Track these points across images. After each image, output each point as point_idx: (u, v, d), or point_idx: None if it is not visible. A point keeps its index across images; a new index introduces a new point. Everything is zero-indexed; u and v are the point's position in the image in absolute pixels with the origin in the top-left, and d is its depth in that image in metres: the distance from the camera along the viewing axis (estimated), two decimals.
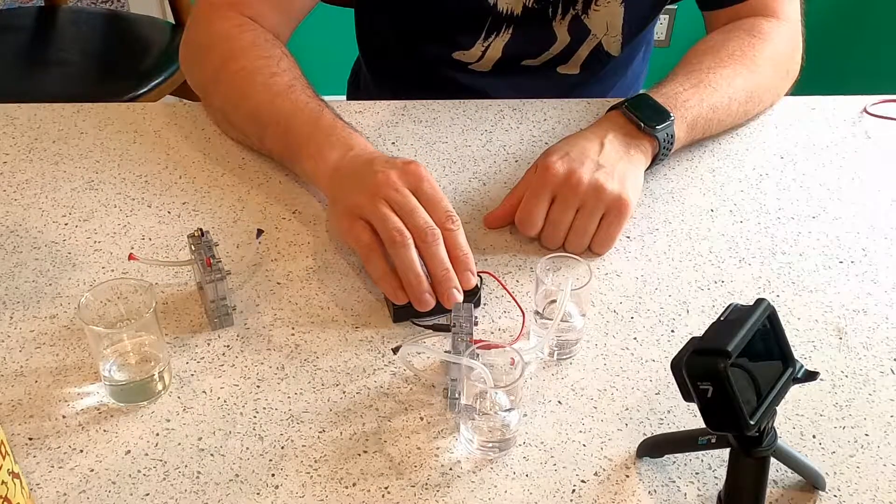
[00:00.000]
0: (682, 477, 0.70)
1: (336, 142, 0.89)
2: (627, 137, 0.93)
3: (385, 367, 0.78)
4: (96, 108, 1.09)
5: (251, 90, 0.96)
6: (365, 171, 0.84)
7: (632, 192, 0.89)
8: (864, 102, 1.12)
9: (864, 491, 0.70)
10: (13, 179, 0.98)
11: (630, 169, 0.90)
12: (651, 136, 0.93)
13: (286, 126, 0.93)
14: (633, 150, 0.92)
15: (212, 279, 0.78)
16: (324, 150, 0.89)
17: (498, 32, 1.13)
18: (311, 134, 0.91)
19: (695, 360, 0.60)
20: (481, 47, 1.15)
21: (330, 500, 0.68)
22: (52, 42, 1.97)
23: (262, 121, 0.96)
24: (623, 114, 0.94)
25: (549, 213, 0.88)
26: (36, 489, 0.68)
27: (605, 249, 0.89)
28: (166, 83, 1.81)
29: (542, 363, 0.79)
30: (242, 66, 0.97)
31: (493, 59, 1.16)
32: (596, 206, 0.87)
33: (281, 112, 0.93)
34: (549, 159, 0.88)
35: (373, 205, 0.81)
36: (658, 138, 0.93)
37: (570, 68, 1.19)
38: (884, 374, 0.79)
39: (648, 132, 0.93)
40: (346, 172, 0.86)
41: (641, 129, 0.93)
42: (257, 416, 0.74)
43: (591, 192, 0.87)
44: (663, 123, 0.93)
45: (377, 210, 0.81)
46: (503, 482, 0.70)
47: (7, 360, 0.78)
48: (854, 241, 0.93)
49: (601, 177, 0.87)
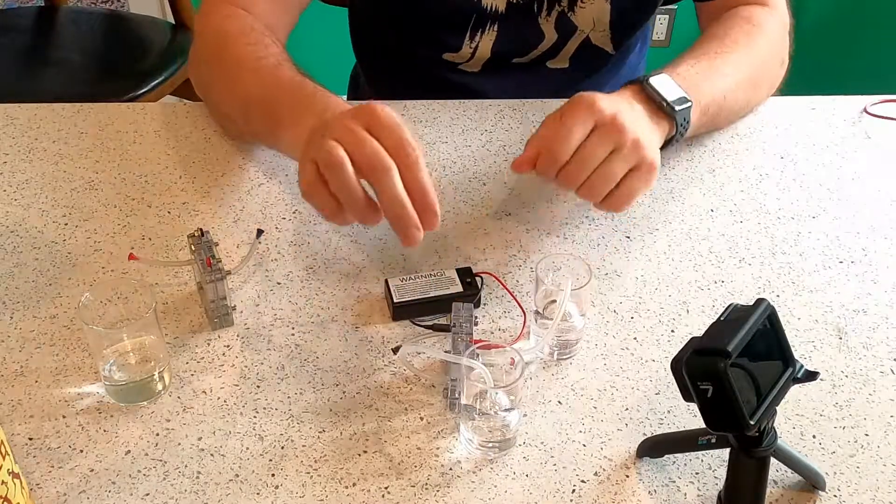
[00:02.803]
0: (682, 477, 0.70)
1: (314, 107, 0.85)
2: (650, 112, 0.89)
3: (385, 367, 0.78)
4: (96, 108, 1.09)
5: (239, 77, 0.95)
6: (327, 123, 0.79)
7: (656, 153, 0.85)
8: (864, 102, 1.12)
9: (864, 491, 0.70)
10: (13, 179, 0.98)
11: (655, 140, 0.87)
12: (671, 116, 0.90)
13: (269, 101, 0.90)
14: (653, 124, 0.89)
15: (212, 279, 0.78)
16: (301, 119, 0.84)
17: (484, 30, 1.12)
18: (292, 105, 0.87)
19: (695, 360, 0.60)
20: (469, 47, 1.14)
21: (330, 500, 0.68)
22: (52, 42, 1.97)
23: (250, 105, 0.94)
24: (645, 89, 0.91)
25: (582, 146, 0.81)
26: (36, 489, 0.68)
27: (622, 207, 0.84)
28: (166, 83, 1.81)
29: (542, 363, 0.79)
30: (231, 54, 0.96)
31: (483, 59, 1.16)
32: (631, 154, 0.82)
33: (266, 92, 0.91)
34: (591, 95, 0.83)
35: (318, 143, 0.75)
36: (676, 121, 0.91)
37: (559, 62, 1.18)
38: (884, 374, 0.79)
39: (670, 112, 0.90)
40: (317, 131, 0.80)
41: (664, 107, 0.90)
42: (257, 416, 0.74)
43: (631, 139, 0.81)
44: (683, 106, 0.91)
45: (322, 146, 0.74)
46: (503, 482, 0.70)
47: (7, 360, 0.78)
48: (854, 241, 0.93)
49: (641, 131, 0.83)
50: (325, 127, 0.77)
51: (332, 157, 0.73)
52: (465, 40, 1.14)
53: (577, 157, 0.81)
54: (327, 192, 0.75)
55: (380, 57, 1.28)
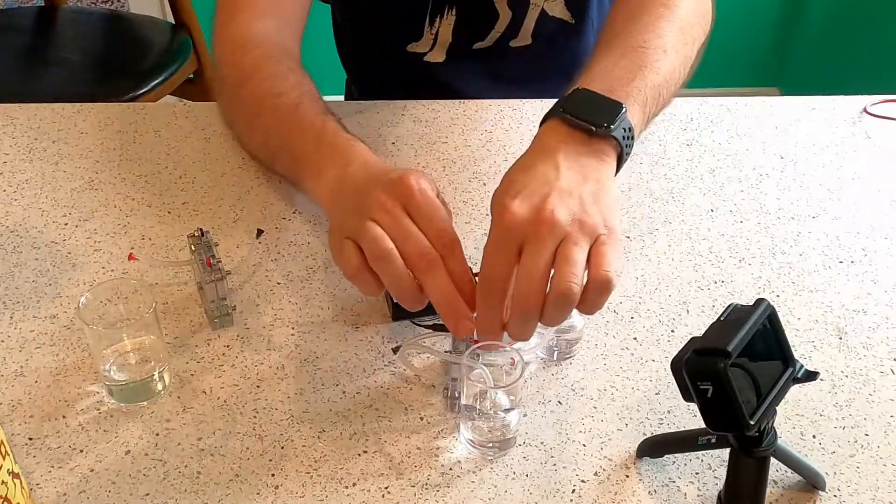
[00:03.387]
0: (682, 477, 0.70)
1: (336, 158, 0.82)
2: (581, 148, 0.75)
3: (385, 367, 0.78)
4: (96, 108, 1.09)
5: (258, 116, 0.94)
6: (359, 192, 0.76)
7: (611, 215, 0.71)
8: (864, 102, 1.12)
9: (864, 491, 0.70)
10: (13, 179, 0.98)
11: (599, 190, 0.73)
12: (607, 137, 0.75)
13: (290, 148, 0.89)
14: (593, 161, 0.75)
15: (212, 279, 0.78)
16: (324, 169, 0.82)
17: (442, 15, 1.13)
18: (312, 153, 0.85)
19: (695, 360, 0.60)
20: (430, 33, 1.14)
21: (330, 500, 0.68)
22: (52, 42, 1.97)
23: (270, 146, 0.93)
24: (564, 121, 0.76)
25: (521, 264, 0.68)
26: (36, 489, 0.68)
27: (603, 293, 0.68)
28: (166, 83, 1.81)
29: (543, 363, 0.79)
30: (250, 91, 0.94)
31: (445, 44, 1.16)
32: (581, 237, 0.69)
33: (285, 135, 0.90)
34: (502, 201, 0.71)
35: (357, 224, 0.72)
36: (616, 138, 0.75)
37: (521, 41, 1.18)
38: (884, 374, 0.79)
39: (603, 135, 0.75)
40: (343, 192, 0.79)
41: (594, 133, 0.75)
42: (257, 416, 0.74)
43: (573, 227, 0.69)
44: (616, 117, 0.76)
45: (363, 230, 0.71)
46: (503, 482, 0.70)
47: (7, 360, 0.78)
48: (854, 241, 0.93)
49: (575, 207, 0.70)
50: (361, 203, 0.74)
51: (381, 250, 0.70)
52: (426, 26, 1.14)
53: (521, 276, 0.68)
54: (375, 279, 0.72)
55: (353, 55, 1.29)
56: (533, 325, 0.68)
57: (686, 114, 1.10)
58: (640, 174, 1.01)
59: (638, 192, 0.98)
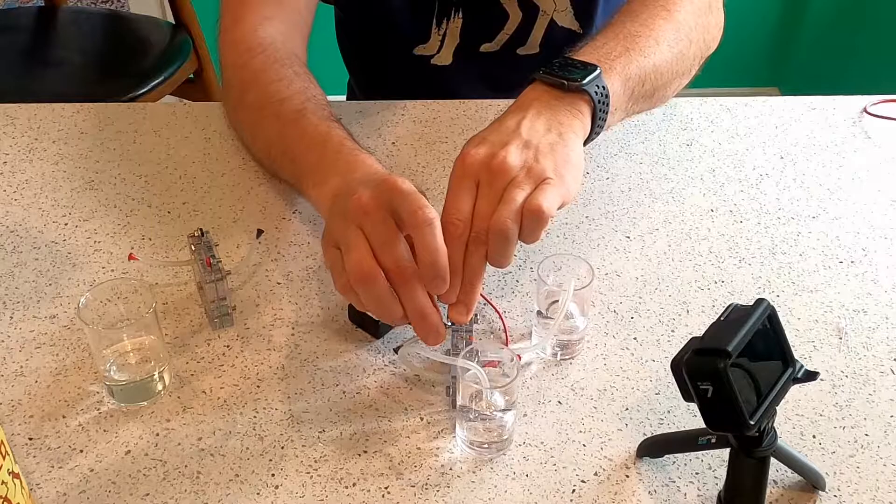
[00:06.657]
0: (682, 477, 0.70)
1: (339, 167, 0.82)
2: (554, 102, 0.80)
3: (385, 367, 0.78)
4: (96, 108, 1.09)
5: (262, 123, 0.93)
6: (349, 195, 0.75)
7: (565, 166, 0.76)
8: (864, 102, 1.12)
9: (864, 491, 0.70)
10: (13, 179, 0.98)
11: (558, 142, 0.77)
12: (579, 91, 0.80)
13: (293, 156, 0.88)
14: (563, 116, 0.79)
15: (212, 279, 0.78)
16: (327, 178, 0.82)
17: (449, 17, 1.12)
18: (316, 162, 0.84)
19: (695, 360, 0.60)
20: (438, 37, 1.14)
21: (330, 500, 0.68)
22: (52, 42, 1.97)
23: (274, 153, 0.93)
24: (541, 80, 0.82)
25: (476, 206, 0.74)
26: (36, 489, 0.68)
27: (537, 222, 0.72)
28: (166, 83, 1.81)
29: (543, 363, 0.79)
30: (254, 96, 0.94)
31: (452, 48, 1.16)
32: (526, 181, 0.74)
33: (289, 142, 0.89)
34: (465, 149, 0.76)
35: (344, 233, 0.72)
36: (589, 92, 0.80)
37: (529, 49, 1.18)
38: (884, 374, 0.79)
39: (575, 88, 0.80)
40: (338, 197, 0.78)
41: (565, 87, 0.80)
42: (257, 416, 0.74)
43: (521, 171, 0.74)
44: (589, 75, 0.81)
45: (347, 237, 0.71)
46: (503, 482, 0.70)
47: (7, 360, 0.78)
48: (854, 241, 0.93)
49: (528, 155, 0.75)
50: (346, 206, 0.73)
51: (361, 274, 0.69)
52: (433, 28, 1.14)
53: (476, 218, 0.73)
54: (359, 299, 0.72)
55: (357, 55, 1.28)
56: (483, 261, 0.73)
57: (686, 114, 1.10)
58: (640, 174, 1.01)
59: (638, 192, 0.98)
